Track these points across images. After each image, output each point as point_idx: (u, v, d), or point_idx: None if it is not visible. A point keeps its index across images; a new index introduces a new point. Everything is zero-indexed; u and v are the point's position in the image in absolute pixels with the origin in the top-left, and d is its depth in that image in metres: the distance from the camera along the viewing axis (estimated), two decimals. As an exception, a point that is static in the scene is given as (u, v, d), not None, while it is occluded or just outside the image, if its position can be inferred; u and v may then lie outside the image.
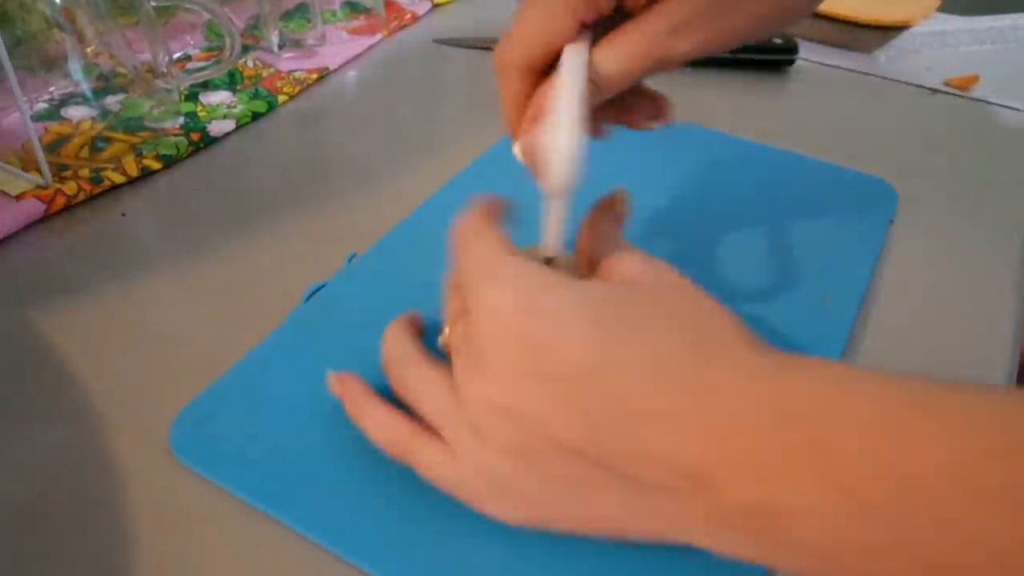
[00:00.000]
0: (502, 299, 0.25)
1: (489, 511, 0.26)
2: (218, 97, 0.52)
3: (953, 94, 0.58)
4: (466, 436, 0.26)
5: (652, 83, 0.32)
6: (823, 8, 0.65)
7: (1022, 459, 0.18)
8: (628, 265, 0.28)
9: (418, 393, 0.28)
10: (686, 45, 0.28)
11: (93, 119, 0.48)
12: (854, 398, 0.21)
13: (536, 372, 0.24)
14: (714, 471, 0.22)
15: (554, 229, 0.29)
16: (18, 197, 0.42)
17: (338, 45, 0.59)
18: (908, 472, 0.19)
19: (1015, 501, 0.18)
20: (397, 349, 0.30)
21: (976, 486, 0.19)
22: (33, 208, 0.41)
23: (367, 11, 0.63)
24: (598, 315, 0.24)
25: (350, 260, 0.39)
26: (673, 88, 0.33)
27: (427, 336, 0.35)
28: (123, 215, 0.43)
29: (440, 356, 0.33)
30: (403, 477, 0.29)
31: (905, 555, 0.20)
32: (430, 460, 0.27)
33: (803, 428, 0.21)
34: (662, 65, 0.28)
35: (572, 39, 0.28)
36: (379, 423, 0.28)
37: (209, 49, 0.57)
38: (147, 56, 0.50)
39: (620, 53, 0.28)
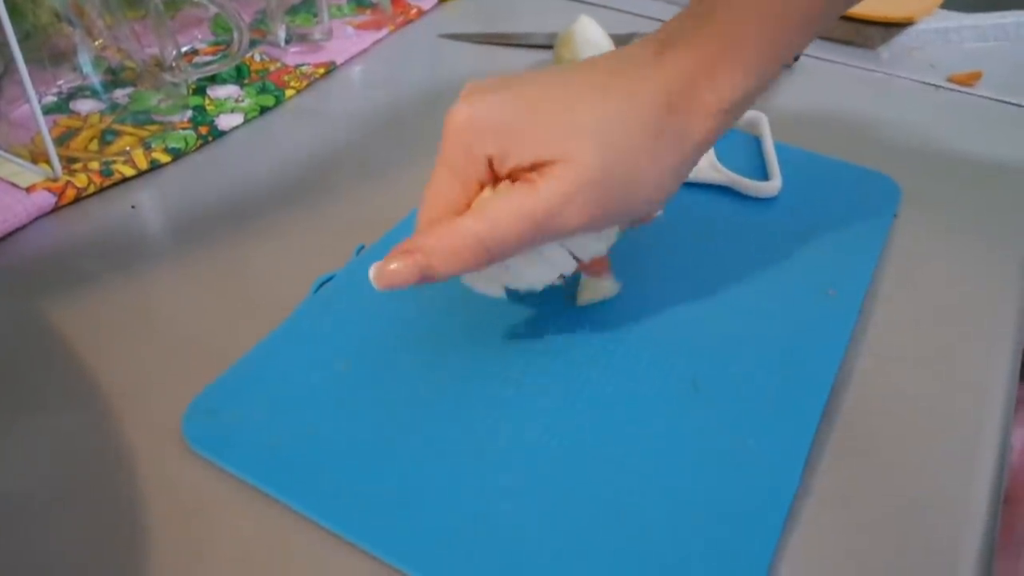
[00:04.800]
0: None
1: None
2: (225, 91, 0.52)
3: (957, 91, 0.58)
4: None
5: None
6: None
7: None
8: None
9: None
10: (575, 216, 0.29)
11: (102, 112, 0.48)
12: None
13: None
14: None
15: None
16: (28, 189, 0.42)
17: (344, 40, 0.60)
18: None
19: None
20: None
21: None
22: (44, 200, 0.42)
23: (373, 6, 0.63)
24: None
25: (358, 252, 0.39)
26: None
27: (436, 322, 0.35)
28: (133, 207, 0.43)
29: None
30: (415, 463, 0.30)
31: None
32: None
33: None
34: (549, 237, 0.30)
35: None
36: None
37: (216, 43, 0.57)
38: (155, 50, 0.50)
39: (518, 219, 0.29)
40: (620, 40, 0.56)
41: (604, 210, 0.29)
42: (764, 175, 0.46)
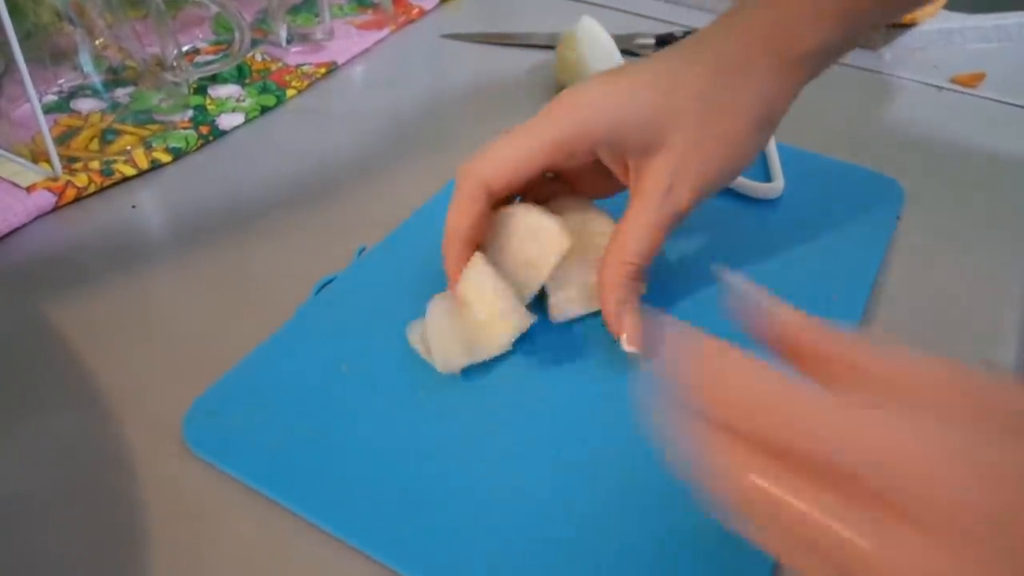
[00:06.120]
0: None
1: None
2: (227, 91, 0.52)
3: (959, 92, 0.58)
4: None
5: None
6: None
7: None
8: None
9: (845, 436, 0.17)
10: (686, 193, 0.33)
11: (102, 111, 0.48)
12: None
13: None
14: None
15: None
16: (29, 189, 0.42)
17: (345, 40, 0.59)
18: None
19: None
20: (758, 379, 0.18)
21: None
22: (44, 200, 0.42)
23: (374, 6, 0.63)
24: None
25: (359, 254, 0.39)
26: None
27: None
28: (133, 207, 0.43)
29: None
30: (416, 466, 0.29)
31: None
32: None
33: None
34: (678, 221, 0.34)
35: (535, 179, 0.33)
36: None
37: (218, 43, 0.57)
38: (156, 49, 0.50)
39: (642, 228, 0.33)
40: (621, 40, 0.56)
41: (704, 182, 0.34)
42: (766, 176, 0.46)
